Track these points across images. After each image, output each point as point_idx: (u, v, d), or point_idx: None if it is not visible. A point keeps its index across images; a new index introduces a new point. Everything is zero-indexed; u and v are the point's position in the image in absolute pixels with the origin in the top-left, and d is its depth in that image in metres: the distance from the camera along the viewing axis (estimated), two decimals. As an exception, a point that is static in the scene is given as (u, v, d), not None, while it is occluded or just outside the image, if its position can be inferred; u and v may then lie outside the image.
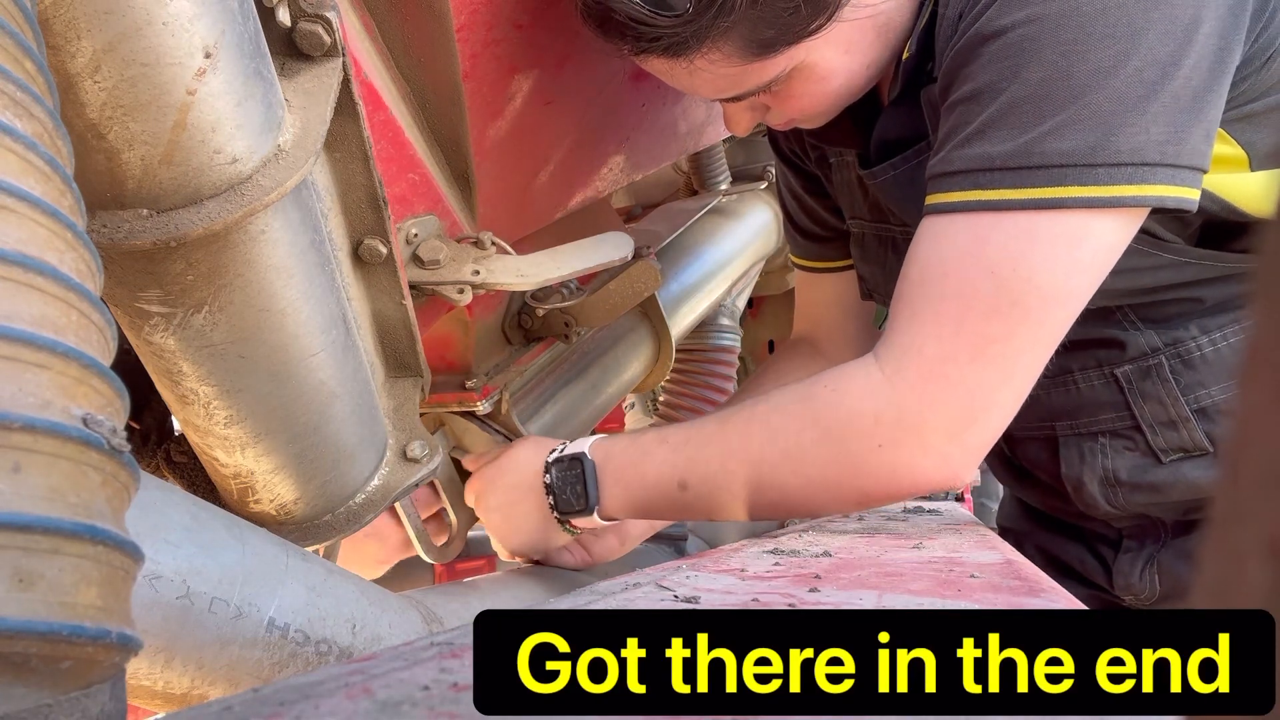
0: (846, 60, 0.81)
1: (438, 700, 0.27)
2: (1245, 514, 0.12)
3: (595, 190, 1.11)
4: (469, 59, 0.77)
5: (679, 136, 1.24)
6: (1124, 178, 0.69)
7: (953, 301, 0.74)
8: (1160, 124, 0.69)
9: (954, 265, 0.74)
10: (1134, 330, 0.93)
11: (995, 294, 0.72)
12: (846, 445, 0.77)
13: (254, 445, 0.63)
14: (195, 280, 0.51)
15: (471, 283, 0.82)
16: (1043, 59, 0.70)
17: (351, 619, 0.63)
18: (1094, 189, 0.70)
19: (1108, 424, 0.98)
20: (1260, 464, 0.12)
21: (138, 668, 0.50)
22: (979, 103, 0.74)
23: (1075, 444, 1.01)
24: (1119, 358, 0.95)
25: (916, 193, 0.84)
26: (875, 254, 1.05)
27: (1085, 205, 0.70)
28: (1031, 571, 0.60)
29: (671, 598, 0.47)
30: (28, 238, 0.29)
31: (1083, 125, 0.69)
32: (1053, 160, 0.70)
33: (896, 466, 0.76)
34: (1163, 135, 0.69)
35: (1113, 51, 0.68)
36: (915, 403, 0.75)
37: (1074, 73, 0.69)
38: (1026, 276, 0.71)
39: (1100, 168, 0.69)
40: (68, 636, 0.26)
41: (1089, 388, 0.98)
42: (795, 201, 1.16)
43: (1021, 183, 0.71)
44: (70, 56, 0.41)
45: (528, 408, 1.10)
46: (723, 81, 0.81)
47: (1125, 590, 1.04)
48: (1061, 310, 0.73)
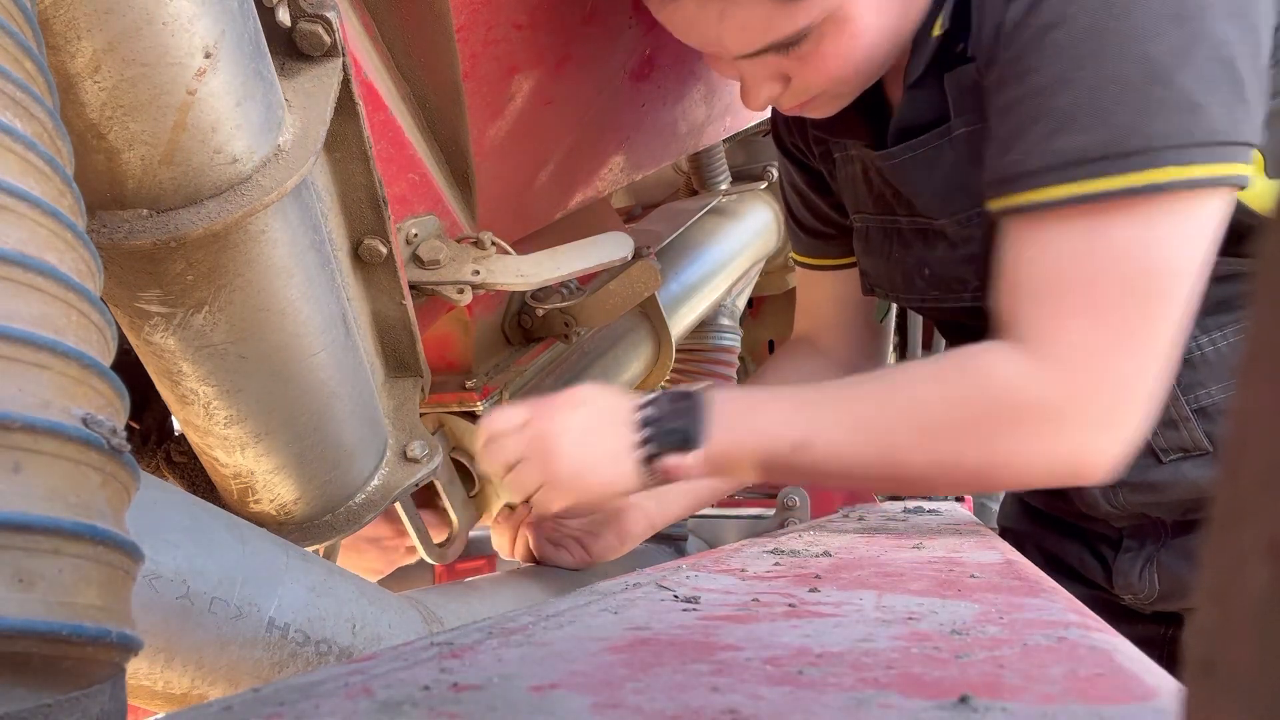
0: (877, 19, 0.80)
1: (438, 700, 0.27)
2: (1245, 514, 0.12)
3: (595, 190, 1.11)
4: (469, 59, 0.77)
5: (679, 136, 1.24)
6: (1217, 156, 0.70)
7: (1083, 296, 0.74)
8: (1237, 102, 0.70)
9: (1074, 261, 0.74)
10: None
11: (1123, 284, 0.72)
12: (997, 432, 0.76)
13: (254, 445, 0.63)
14: (195, 280, 0.51)
15: (471, 283, 0.82)
16: (1117, 44, 0.70)
17: (351, 619, 0.63)
18: (1192, 168, 0.70)
19: None
20: (1260, 464, 0.12)
21: (138, 668, 0.50)
22: (1054, 94, 0.73)
23: None
24: None
25: (934, 175, 0.83)
26: (879, 247, 1.04)
27: (1186, 187, 0.70)
28: (1032, 571, 0.60)
29: (671, 598, 0.47)
30: (28, 238, 0.29)
31: (1170, 106, 0.69)
32: (1148, 144, 0.70)
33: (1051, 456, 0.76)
34: (1241, 113, 0.70)
35: (1186, 31, 0.69)
36: (1071, 393, 0.74)
37: (1151, 55, 0.69)
38: (1147, 261, 0.72)
39: (1195, 148, 0.69)
40: (68, 636, 0.26)
41: None
42: (798, 198, 1.16)
43: (1120, 169, 0.71)
44: (70, 56, 0.41)
45: (528, 408, 1.10)
46: (752, 27, 0.79)
47: (1125, 589, 1.05)
48: (1184, 287, 0.73)
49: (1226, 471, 0.13)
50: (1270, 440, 0.12)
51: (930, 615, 0.42)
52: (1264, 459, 0.12)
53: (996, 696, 0.28)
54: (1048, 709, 0.27)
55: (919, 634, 0.37)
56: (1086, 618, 0.43)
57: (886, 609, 0.43)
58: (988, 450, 0.76)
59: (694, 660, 0.33)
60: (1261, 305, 0.13)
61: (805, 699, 0.28)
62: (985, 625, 0.39)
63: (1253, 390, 0.13)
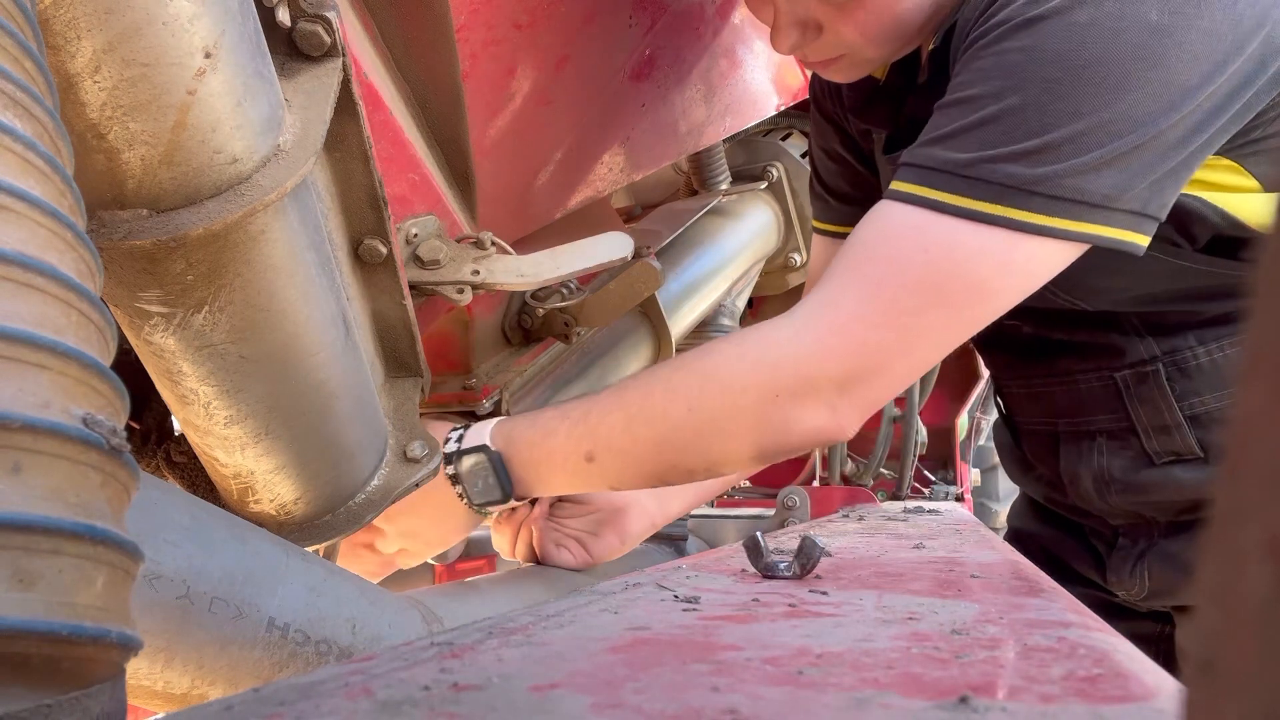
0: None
1: (438, 700, 0.27)
2: (1245, 514, 0.12)
3: (595, 190, 1.11)
4: (469, 59, 0.77)
5: (679, 136, 1.24)
6: (1059, 211, 0.73)
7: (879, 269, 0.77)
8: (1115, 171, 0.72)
9: (890, 241, 0.78)
10: (1135, 337, 0.96)
11: (922, 272, 0.75)
12: (746, 395, 0.78)
13: (254, 445, 0.63)
14: (195, 280, 0.51)
15: (471, 283, 0.82)
16: (1026, 89, 0.73)
17: (351, 619, 0.63)
18: (1027, 214, 0.73)
19: (1105, 424, 1.01)
20: (1260, 464, 0.12)
21: (138, 668, 0.50)
22: (959, 109, 0.77)
23: (1074, 441, 1.05)
24: (1118, 362, 0.97)
25: None
26: None
27: (1016, 227, 0.74)
28: (1032, 571, 0.60)
29: (671, 598, 0.47)
30: (28, 238, 0.29)
31: (1037, 157, 0.73)
32: (999, 179, 0.74)
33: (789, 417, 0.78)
34: (1113, 181, 0.72)
35: (1092, 99, 0.72)
36: (814, 354, 0.77)
37: (1048, 110, 0.73)
38: (955, 266, 0.75)
39: (1039, 197, 0.73)
40: (68, 636, 0.26)
41: (1089, 389, 1.01)
42: (833, 163, 1.17)
43: (967, 192, 0.75)
44: (70, 56, 0.41)
45: (528, 408, 1.10)
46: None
47: (1117, 585, 1.08)
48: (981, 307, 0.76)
49: (1226, 471, 0.13)
50: (1270, 440, 0.12)
51: (930, 615, 0.42)
52: (1264, 459, 0.12)
53: (996, 696, 0.28)
54: (1048, 709, 0.27)
55: (919, 634, 0.37)
56: (1086, 618, 0.43)
57: (886, 609, 0.43)
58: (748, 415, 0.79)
59: (694, 660, 0.33)
60: (1261, 307, 0.13)
61: (805, 699, 0.28)
62: (985, 625, 0.39)
63: (1252, 391, 0.13)
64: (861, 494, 1.57)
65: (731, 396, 0.78)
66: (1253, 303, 0.13)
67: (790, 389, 0.77)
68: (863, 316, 0.76)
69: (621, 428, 0.81)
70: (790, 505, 1.35)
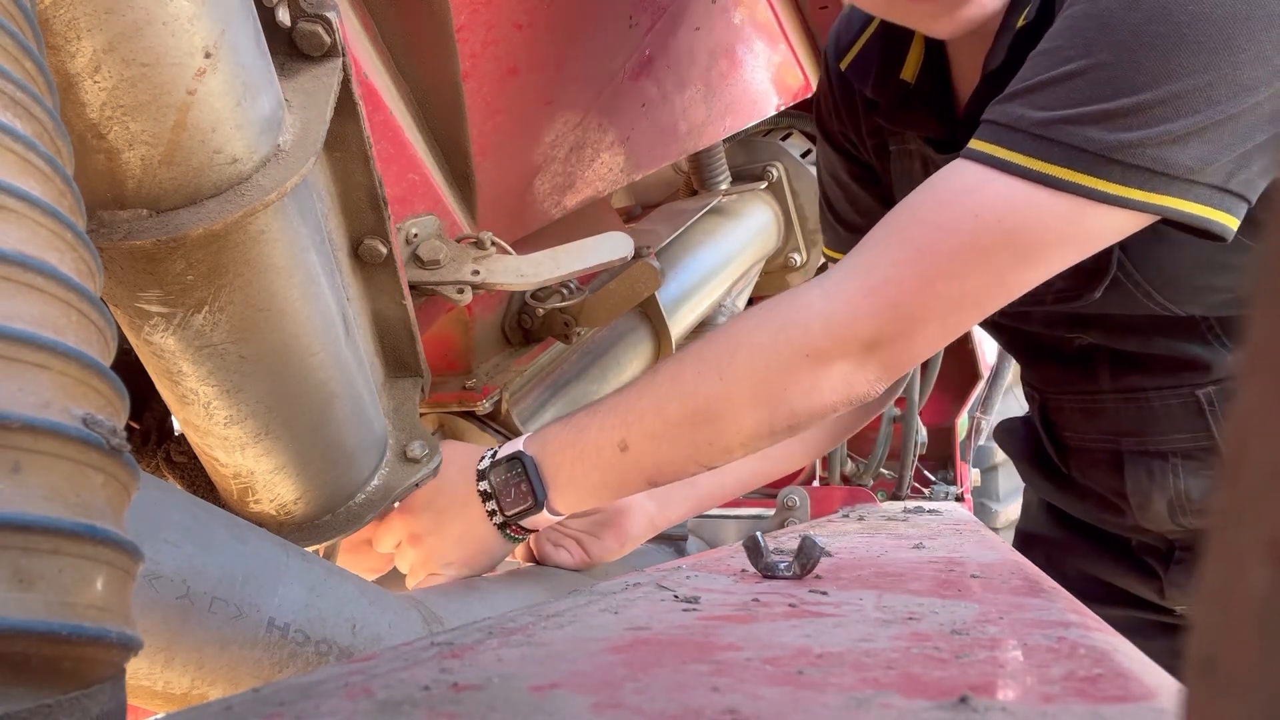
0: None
1: (438, 700, 0.27)
2: (1245, 514, 0.12)
3: (595, 190, 1.11)
4: (469, 59, 0.77)
5: (679, 136, 1.24)
6: (1136, 181, 0.68)
7: (921, 232, 0.73)
8: (1203, 141, 0.67)
9: (939, 205, 0.74)
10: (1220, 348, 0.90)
11: (968, 238, 0.71)
12: (777, 357, 0.76)
13: (254, 445, 0.63)
14: (195, 280, 0.51)
15: (471, 283, 0.82)
16: (1120, 44, 0.68)
17: (351, 619, 0.63)
18: (1101, 183, 0.68)
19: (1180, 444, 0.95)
20: (1260, 464, 0.12)
21: (138, 668, 0.50)
22: (1046, 59, 0.72)
23: (1143, 462, 0.98)
24: (1201, 378, 0.92)
25: None
26: None
27: (1086, 194, 0.69)
28: (1032, 571, 0.60)
29: (671, 598, 0.47)
30: (28, 238, 0.29)
31: (1122, 120, 0.67)
32: (1076, 142, 0.68)
33: (818, 375, 0.76)
34: (1199, 152, 0.67)
35: (1191, 60, 0.66)
36: (844, 315, 0.75)
37: (1142, 67, 0.67)
38: (1007, 231, 0.70)
39: (1117, 165, 0.68)
40: (68, 636, 0.26)
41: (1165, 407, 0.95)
42: (840, 190, 1.14)
43: (1037, 153, 0.70)
44: (70, 56, 0.41)
45: (528, 408, 1.10)
46: None
47: (1178, 600, 1.03)
48: (1028, 273, 0.72)
49: (1226, 471, 0.13)
50: (1270, 440, 0.12)
51: (930, 615, 0.42)
52: (1264, 459, 0.12)
53: (996, 696, 0.28)
54: (1048, 709, 0.27)
55: (919, 634, 0.37)
56: (1086, 617, 0.43)
57: (886, 609, 0.43)
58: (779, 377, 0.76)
59: (694, 660, 0.33)
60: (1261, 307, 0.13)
61: (805, 699, 0.28)
62: (985, 625, 0.39)
63: (1253, 390, 0.13)
64: (861, 494, 1.57)
65: (764, 358, 0.76)
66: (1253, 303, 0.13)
67: (819, 350, 0.75)
68: (898, 280, 0.73)
69: (654, 410, 0.78)
70: (790, 505, 1.35)
